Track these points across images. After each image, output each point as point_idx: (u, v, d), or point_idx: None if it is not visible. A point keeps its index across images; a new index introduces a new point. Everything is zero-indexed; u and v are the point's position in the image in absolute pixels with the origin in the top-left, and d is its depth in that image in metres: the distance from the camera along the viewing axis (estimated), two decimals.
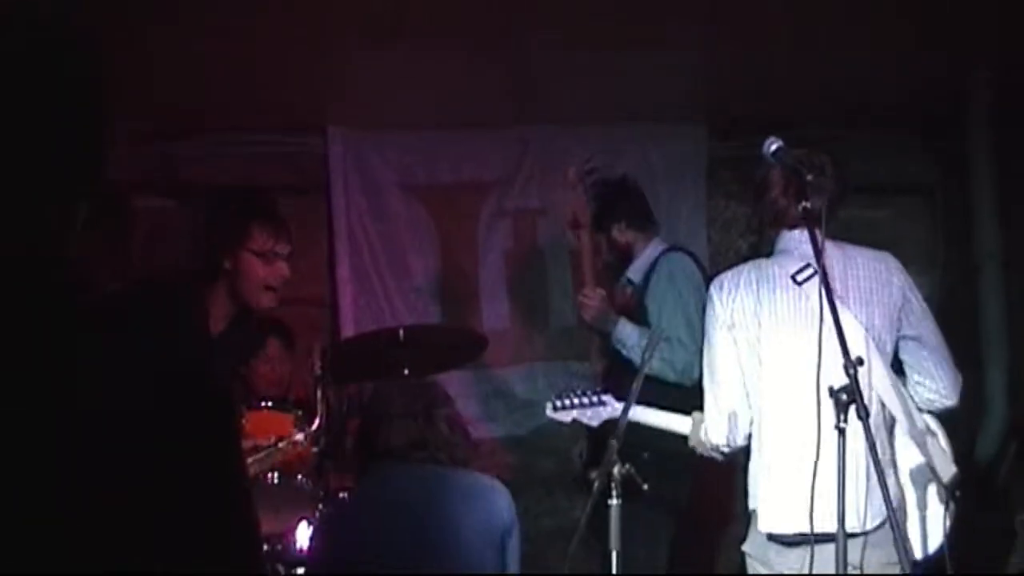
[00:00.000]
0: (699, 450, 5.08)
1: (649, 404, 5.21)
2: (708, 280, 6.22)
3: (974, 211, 7.52)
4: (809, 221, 4.41)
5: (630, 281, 6.51)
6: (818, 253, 4.31)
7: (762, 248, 7.67)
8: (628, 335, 6.29)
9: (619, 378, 5.87)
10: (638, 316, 6.35)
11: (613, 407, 5.30)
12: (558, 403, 5.57)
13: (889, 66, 6.96)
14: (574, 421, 5.55)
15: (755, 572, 4.81)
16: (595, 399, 5.44)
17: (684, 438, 5.18)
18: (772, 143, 4.55)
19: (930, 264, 8.05)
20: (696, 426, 5.08)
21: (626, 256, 6.57)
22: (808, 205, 4.42)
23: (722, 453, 4.96)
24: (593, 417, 5.42)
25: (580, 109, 7.71)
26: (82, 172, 1.99)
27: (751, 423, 4.82)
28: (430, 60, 6.91)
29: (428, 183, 8.08)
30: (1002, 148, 7.42)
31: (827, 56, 6.80)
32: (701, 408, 4.96)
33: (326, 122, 8.01)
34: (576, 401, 5.49)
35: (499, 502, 4.60)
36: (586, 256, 6.59)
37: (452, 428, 4.75)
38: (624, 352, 6.27)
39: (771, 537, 4.67)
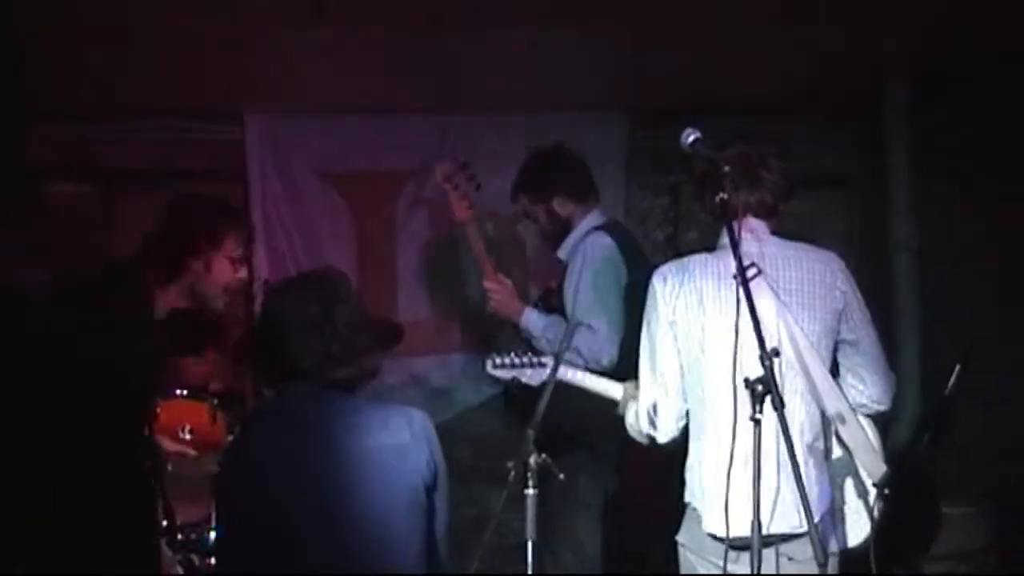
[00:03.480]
0: (629, 428, 5.09)
1: None
2: (635, 255, 6.26)
3: (890, 202, 7.57)
4: (725, 214, 4.41)
5: (559, 260, 6.48)
6: (735, 244, 4.31)
7: (679, 239, 7.75)
8: (534, 324, 6.29)
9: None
10: (558, 295, 6.34)
11: (552, 369, 5.27)
12: (498, 360, 5.54)
13: (806, 57, 6.98)
14: (514, 379, 5.53)
15: (687, 563, 4.83)
16: (535, 360, 5.44)
17: (614, 405, 5.21)
18: (689, 135, 4.55)
19: (846, 255, 8.08)
20: (625, 404, 5.11)
21: (565, 229, 6.53)
22: (724, 196, 4.42)
23: (652, 440, 4.97)
24: (533, 376, 5.41)
25: (502, 97, 7.69)
26: None
27: (685, 416, 4.84)
28: (350, 46, 6.88)
29: (345, 170, 8.02)
30: (919, 139, 7.48)
31: (744, 47, 6.83)
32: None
33: (243, 107, 7.93)
34: (516, 360, 5.49)
35: (418, 458, 4.32)
36: (477, 248, 6.55)
37: (355, 331, 4.36)
38: (533, 342, 6.25)
39: (715, 538, 4.66)
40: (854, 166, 8.19)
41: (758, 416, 4.06)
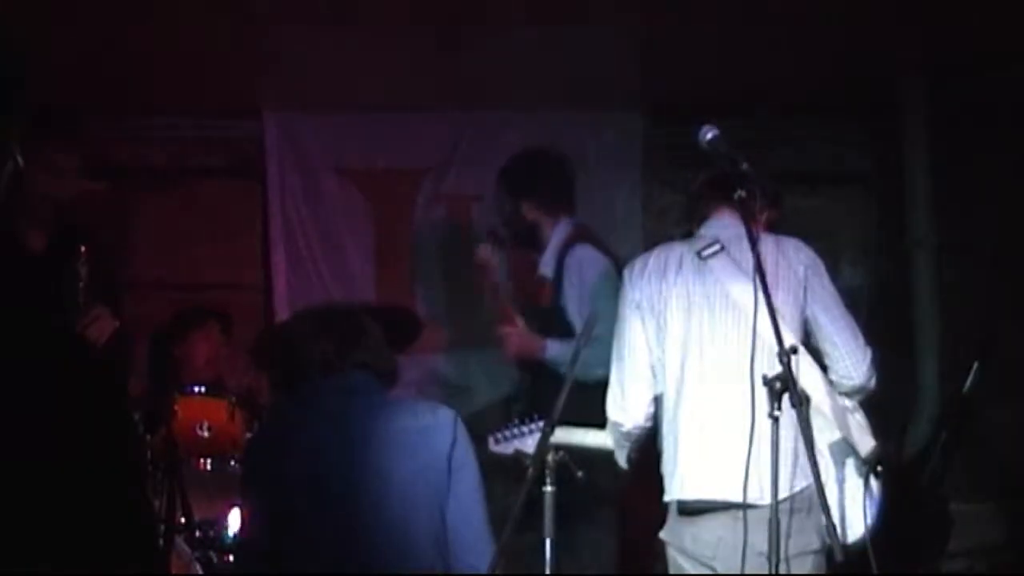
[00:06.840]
0: (618, 459, 5.08)
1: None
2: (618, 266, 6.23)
3: (908, 198, 7.56)
4: (744, 210, 4.39)
5: (544, 277, 6.43)
6: (753, 242, 4.30)
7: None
8: (562, 354, 6.16)
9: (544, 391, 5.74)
10: (553, 314, 6.29)
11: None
12: (499, 435, 5.47)
13: (823, 54, 6.97)
14: (516, 451, 5.48)
15: (673, 562, 4.82)
16: (533, 427, 5.38)
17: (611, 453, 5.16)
18: (707, 131, 4.52)
19: (865, 252, 8.08)
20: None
21: (529, 235, 6.45)
22: (743, 194, 4.40)
23: (626, 440, 4.96)
24: (534, 444, 5.36)
25: (519, 95, 7.69)
26: None
27: (653, 404, 4.85)
28: (367, 44, 6.88)
29: (364, 167, 8.04)
30: (937, 135, 7.46)
31: (761, 45, 6.81)
32: None
33: (262, 105, 7.95)
34: (515, 431, 5.43)
35: (439, 440, 4.42)
36: (504, 299, 6.51)
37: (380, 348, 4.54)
38: (562, 370, 6.19)
39: (680, 506, 4.68)
40: (872, 163, 8.17)
41: (776, 414, 4.05)
